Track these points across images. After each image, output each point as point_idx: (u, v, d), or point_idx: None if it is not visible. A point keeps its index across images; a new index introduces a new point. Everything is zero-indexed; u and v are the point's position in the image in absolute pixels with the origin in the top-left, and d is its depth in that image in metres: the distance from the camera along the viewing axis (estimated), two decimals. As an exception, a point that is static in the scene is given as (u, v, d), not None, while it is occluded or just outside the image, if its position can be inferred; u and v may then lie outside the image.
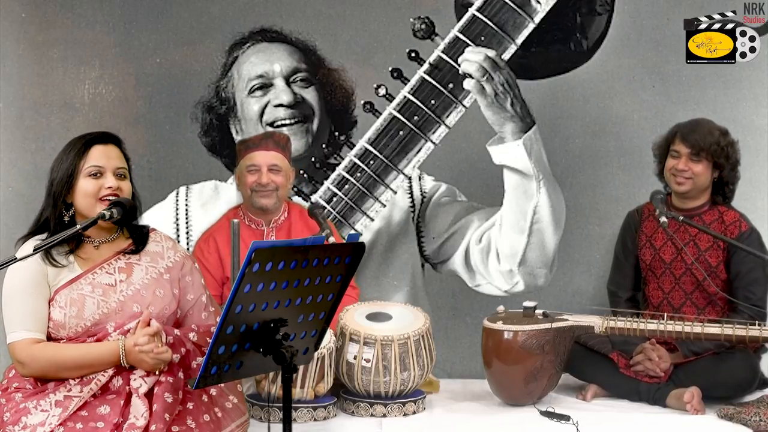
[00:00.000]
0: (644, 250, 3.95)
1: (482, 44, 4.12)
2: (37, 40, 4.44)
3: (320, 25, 4.47)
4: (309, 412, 3.44)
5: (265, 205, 3.84)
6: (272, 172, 3.84)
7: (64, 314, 2.85)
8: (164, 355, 2.80)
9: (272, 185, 3.82)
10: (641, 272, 4.00)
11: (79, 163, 2.89)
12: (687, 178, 3.81)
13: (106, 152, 2.92)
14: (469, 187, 4.48)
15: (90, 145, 2.91)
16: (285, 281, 2.48)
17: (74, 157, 2.89)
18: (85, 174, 2.89)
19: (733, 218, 3.84)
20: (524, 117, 4.11)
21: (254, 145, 3.88)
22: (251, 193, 3.84)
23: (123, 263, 2.95)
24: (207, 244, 3.87)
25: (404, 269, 4.45)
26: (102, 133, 2.97)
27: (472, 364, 4.08)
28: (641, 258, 3.96)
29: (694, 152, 3.79)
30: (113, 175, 2.90)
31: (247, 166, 3.85)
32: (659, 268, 3.91)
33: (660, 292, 3.92)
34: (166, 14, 4.47)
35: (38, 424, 2.69)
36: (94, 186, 2.88)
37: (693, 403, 3.56)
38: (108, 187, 2.88)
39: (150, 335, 2.80)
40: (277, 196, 3.85)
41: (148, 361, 2.78)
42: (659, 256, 3.90)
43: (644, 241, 3.95)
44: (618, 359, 3.79)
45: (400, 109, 4.20)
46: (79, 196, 2.89)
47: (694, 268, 3.82)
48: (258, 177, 3.82)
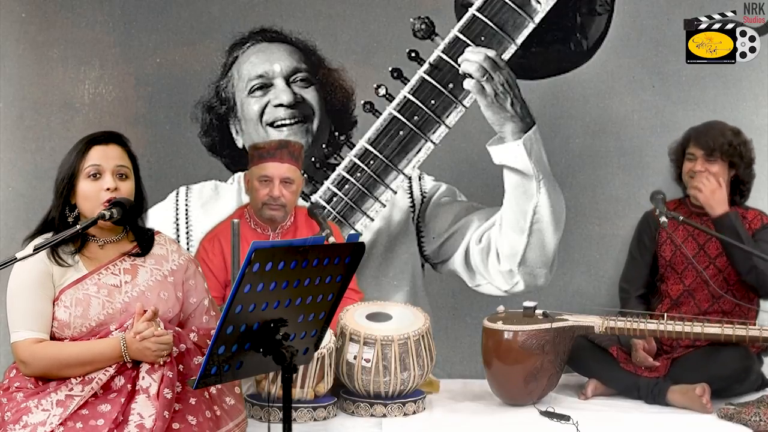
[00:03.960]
0: (664, 246, 3.96)
1: (482, 44, 4.12)
2: (37, 40, 4.44)
3: (320, 25, 4.47)
4: (309, 412, 3.44)
5: (274, 217, 3.83)
6: (284, 184, 3.81)
7: (69, 314, 2.85)
8: (165, 337, 2.79)
9: (282, 199, 3.81)
10: (657, 270, 4.01)
11: (79, 164, 2.89)
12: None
13: (106, 152, 2.91)
14: (469, 187, 4.48)
15: (90, 145, 2.91)
16: (285, 281, 2.48)
17: (75, 158, 2.90)
18: (85, 175, 2.89)
19: (753, 215, 3.90)
20: (524, 117, 4.11)
21: (268, 155, 3.82)
22: (262, 206, 3.82)
23: (128, 264, 2.95)
24: (212, 245, 3.86)
25: (404, 269, 4.45)
26: (106, 132, 2.97)
27: (472, 364, 4.08)
28: (660, 255, 3.98)
29: (708, 153, 3.83)
30: (112, 175, 2.90)
31: (259, 176, 3.82)
32: (680, 264, 3.92)
33: (680, 285, 3.92)
34: (166, 14, 4.47)
35: (39, 424, 2.69)
36: (93, 187, 2.88)
37: (706, 396, 3.57)
38: (106, 189, 2.88)
39: (148, 320, 2.79)
40: (285, 210, 3.84)
41: (151, 347, 2.77)
42: (680, 251, 3.91)
43: (665, 238, 3.96)
44: (618, 353, 3.81)
45: (400, 109, 4.20)
46: (80, 197, 2.90)
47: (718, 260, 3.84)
48: (270, 190, 3.79)
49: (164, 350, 2.80)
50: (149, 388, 2.77)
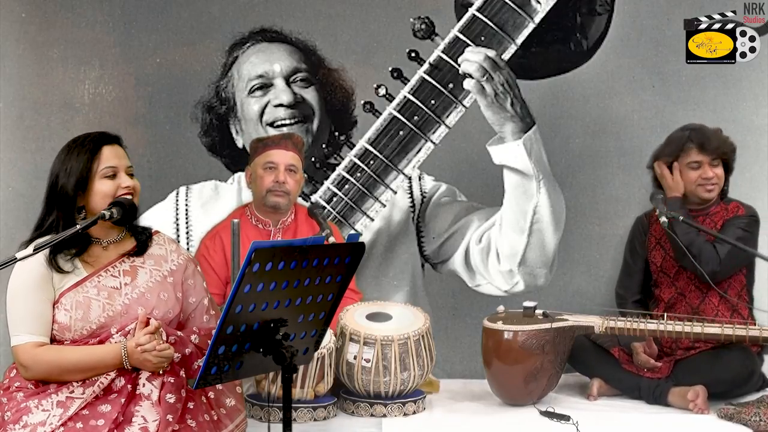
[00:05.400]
0: (654, 252, 3.97)
1: (482, 44, 4.12)
2: (37, 40, 4.44)
3: (320, 25, 4.47)
4: (309, 412, 3.44)
5: (278, 203, 3.83)
6: (289, 172, 3.83)
7: (69, 317, 2.85)
8: (166, 351, 2.80)
9: (287, 186, 3.82)
10: (651, 276, 4.01)
11: (93, 166, 2.88)
12: (714, 184, 3.89)
13: (116, 152, 2.94)
14: (469, 187, 4.48)
15: (99, 146, 2.91)
16: (285, 281, 2.49)
17: (86, 159, 2.88)
18: (101, 176, 2.89)
19: (734, 206, 3.94)
20: (524, 117, 4.11)
21: (273, 144, 3.88)
22: (266, 193, 3.83)
23: (128, 266, 2.95)
24: (213, 242, 3.86)
25: (404, 269, 4.44)
26: (102, 133, 2.97)
27: (472, 364, 4.08)
28: (651, 261, 3.99)
29: (713, 158, 3.88)
30: (126, 174, 2.92)
31: (264, 163, 3.84)
32: (671, 268, 3.92)
33: (673, 288, 3.93)
34: (166, 14, 4.47)
35: (39, 424, 2.69)
36: (111, 187, 2.89)
37: (697, 402, 3.57)
38: (125, 186, 2.90)
39: (150, 333, 2.80)
40: (289, 199, 3.85)
41: (152, 360, 2.78)
42: (670, 256, 3.92)
43: (654, 244, 3.98)
44: (620, 355, 3.82)
45: (400, 109, 4.20)
46: (96, 197, 2.88)
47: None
48: (276, 175, 3.81)
49: (164, 363, 2.80)
50: (151, 395, 2.78)
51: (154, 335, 2.80)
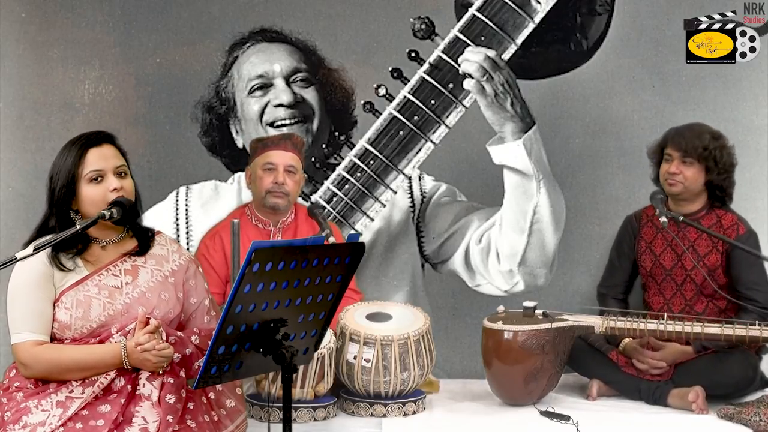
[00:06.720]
0: (644, 256, 3.96)
1: (482, 44, 4.12)
2: (37, 40, 4.44)
3: (320, 25, 4.46)
4: (309, 412, 3.44)
5: (277, 204, 3.83)
6: (288, 173, 3.83)
7: (69, 315, 2.85)
8: (166, 351, 2.80)
9: (286, 187, 3.82)
10: (640, 278, 4.02)
11: (78, 170, 2.86)
12: (678, 181, 3.83)
13: (103, 154, 2.89)
14: (469, 187, 4.48)
15: (85, 149, 2.87)
16: (285, 281, 2.48)
17: (71, 164, 2.86)
18: (87, 180, 2.86)
19: (731, 222, 3.85)
20: (524, 117, 4.11)
21: (273, 144, 3.88)
22: (266, 193, 3.83)
23: (129, 265, 2.95)
24: (213, 242, 3.86)
25: (404, 269, 4.44)
26: (94, 133, 2.94)
27: (472, 364, 4.08)
28: (641, 264, 3.97)
29: (684, 155, 3.82)
30: (114, 175, 2.89)
31: (264, 164, 3.84)
32: (660, 275, 3.92)
33: (661, 297, 3.92)
34: (166, 14, 4.46)
35: (38, 424, 2.69)
36: (98, 191, 2.86)
37: (698, 402, 3.57)
38: (113, 189, 2.86)
39: (150, 332, 2.79)
40: (289, 200, 3.85)
41: (152, 359, 2.78)
42: (659, 262, 3.91)
43: (644, 248, 3.97)
44: (617, 358, 3.81)
45: (400, 109, 4.20)
46: (85, 203, 2.87)
47: (694, 272, 3.83)
48: (275, 176, 3.81)
49: (164, 362, 2.80)
50: (151, 395, 2.78)
51: (153, 335, 2.80)
